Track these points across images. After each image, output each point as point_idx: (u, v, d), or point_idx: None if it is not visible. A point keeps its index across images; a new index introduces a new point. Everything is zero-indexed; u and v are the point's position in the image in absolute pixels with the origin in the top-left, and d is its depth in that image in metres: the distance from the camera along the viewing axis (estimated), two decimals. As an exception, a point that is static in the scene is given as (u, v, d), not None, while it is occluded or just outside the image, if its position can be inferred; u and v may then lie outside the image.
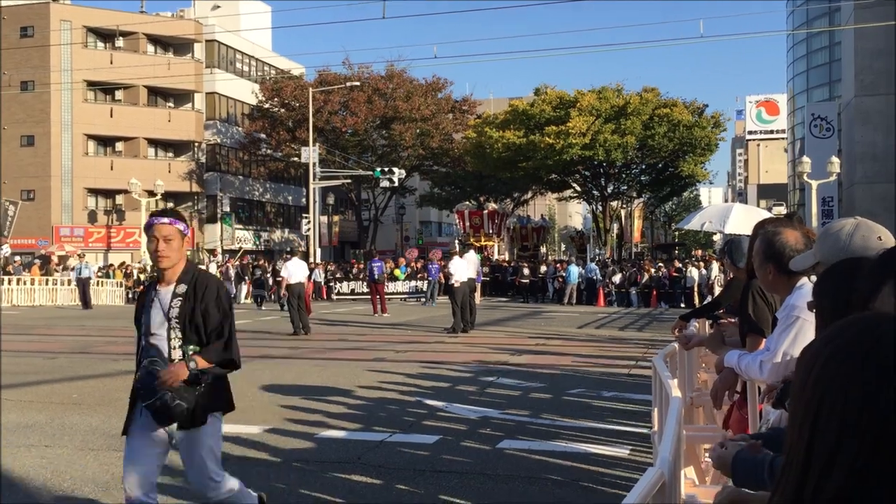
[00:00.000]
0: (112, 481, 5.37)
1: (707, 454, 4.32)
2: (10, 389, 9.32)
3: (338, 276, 35.00)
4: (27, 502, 4.94)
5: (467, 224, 45.30)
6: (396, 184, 43.43)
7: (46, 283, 32.29)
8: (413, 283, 33.12)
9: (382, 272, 25.50)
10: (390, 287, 31.24)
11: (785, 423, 2.35)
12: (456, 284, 16.65)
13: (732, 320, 4.59)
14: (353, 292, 32.91)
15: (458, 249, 20.64)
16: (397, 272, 33.92)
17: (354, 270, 36.33)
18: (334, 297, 32.77)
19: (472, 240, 42.92)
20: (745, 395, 3.64)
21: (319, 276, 32.34)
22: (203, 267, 34.58)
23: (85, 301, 28.04)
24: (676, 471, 2.16)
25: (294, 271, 16.55)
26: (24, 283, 31.48)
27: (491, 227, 45.07)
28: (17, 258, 37.49)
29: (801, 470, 0.94)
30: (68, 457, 6.06)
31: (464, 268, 17.03)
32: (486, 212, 46.02)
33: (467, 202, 50.99)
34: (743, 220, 9.86)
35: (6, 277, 31.20)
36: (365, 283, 31.58)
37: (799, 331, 2.92)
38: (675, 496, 2.08)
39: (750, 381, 3.38)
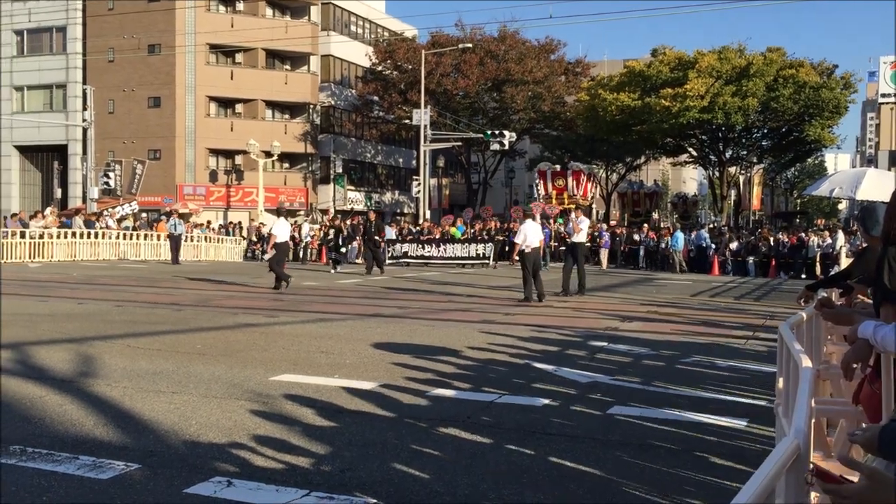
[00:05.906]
0: (234, 427, 5.62)
1: (832, 428, 4.13)
2: (141, 337, 9.88)
3: (409, 238, 32.83)
4: (157, 444, 5.23)
5: (549, 185, 41.88)
6: (506, 147, 43.12)
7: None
8: (472, 246, 29.98)
9: None
10: (448, 251, 29.64)
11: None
12: (527, 250, 15.22)
13: (867, 298, 4.34)
14: (405, 254, 30.76)
15: (522, 213, 19.67)
16: (454, 231, 31.89)
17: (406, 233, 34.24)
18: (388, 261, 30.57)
19: (554, 202, 39.93)
20: (878, 369, 3.46)
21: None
22: (316, 225, 35.42)
23: (175, 257, 28.94)
24: (808, 442, 2.07)
25: (281, 231, 18.01)
26: (151, 239, 33.16)
27: (576, 189, 41.11)
28: (145, 215, 39.48)
29: None
30: (194, 403, 6.37)
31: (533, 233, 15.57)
32: (570, 171, 42.31)
33: (551, 163, 47.62)
34: (876, 185, 9.31)
35: (134, 233, 32.95)
36: (417, 246, 30.75)
37: (945, 302, 2.73)
38: (806, 468, 2.00)
39: (885, 353, 3.20)
